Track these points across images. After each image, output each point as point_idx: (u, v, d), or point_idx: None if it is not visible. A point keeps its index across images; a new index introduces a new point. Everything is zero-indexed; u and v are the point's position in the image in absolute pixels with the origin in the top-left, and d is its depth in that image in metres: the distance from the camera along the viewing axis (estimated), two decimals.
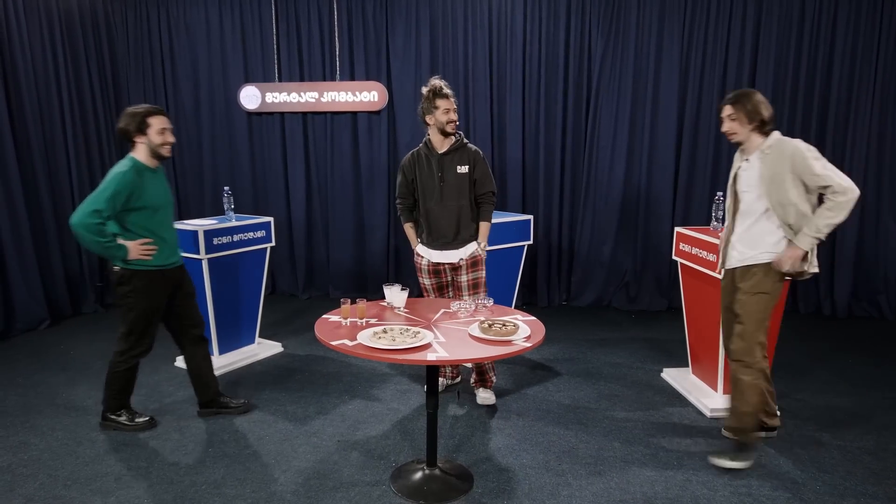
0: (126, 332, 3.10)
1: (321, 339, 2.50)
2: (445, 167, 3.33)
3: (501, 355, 2.39)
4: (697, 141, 5.34)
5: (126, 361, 3.15)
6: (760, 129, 2.79)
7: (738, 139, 2.85)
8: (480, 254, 3.43)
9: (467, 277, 3.42)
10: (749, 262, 2.85)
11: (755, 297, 2.81)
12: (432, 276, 3.49)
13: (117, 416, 3.23)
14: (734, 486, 2.73)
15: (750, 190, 2.83)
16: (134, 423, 3.23)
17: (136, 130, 2.96)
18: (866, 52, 5.06)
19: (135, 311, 3.05)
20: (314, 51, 5.62)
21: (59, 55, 5.09)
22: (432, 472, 2.75)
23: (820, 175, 2.67)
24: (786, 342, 4.28)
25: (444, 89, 3.24)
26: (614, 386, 3.84)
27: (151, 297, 3.07)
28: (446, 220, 3.35)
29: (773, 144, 2.77)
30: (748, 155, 2.86)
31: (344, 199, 5.82)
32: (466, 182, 3.35)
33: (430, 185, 3.35)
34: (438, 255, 3.41)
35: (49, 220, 5.04)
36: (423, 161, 3.38)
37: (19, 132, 4.81)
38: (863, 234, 5.29)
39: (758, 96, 2.78)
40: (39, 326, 4.86)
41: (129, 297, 3.03)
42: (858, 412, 3.48)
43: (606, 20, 5.25)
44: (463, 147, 3.37)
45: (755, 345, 2.82)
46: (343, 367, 4.11)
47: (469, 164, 3.35)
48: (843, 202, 2.65)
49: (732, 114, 2.80)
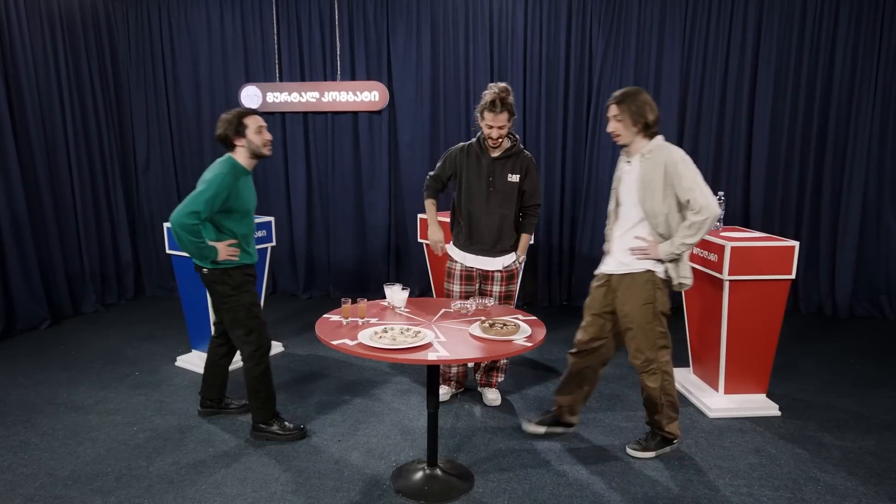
0: (245, 332, 3.02)
1: (322, 338, 2.50)
2: (496, 173, 3.16)
3: (502, 355, 2.39)
4: (698, 141, 5.34)
5: (260, 362, 3.04)
6: (645, 131, 2.69)
7: (622, 141, 2.76)
8: (517, 266, 3.33)
9: (500, 289, 3.30)
10: (625, 270, 2.81)
11: (641, 310, 2.78)
12: (464, 283, 3.32)
13: (268, 425, 3.11)
14: (735, 487, 2.72)
15: (629, 194, 2.79)
16: (287, 431, 3.10)
17: (234, 133, 2.97)
18: (867, 52, 5.05)
19: (242, 309, 3.00)
20: (315, 50, 5.61)
21: (60, 55, 5.09)
22: (433, 472, 2.74)
23: (686, 188, 2.61)
24: (787, 342, 4.28)
25: (495, 103, 2.99)
26: (615, 386, 3.83)
27: (249, 291, 3.03)
28: (488, 228, 3.20)
29: (653, 149, 2.69)
30: (630, 157, 2.80)
31: (345, 199, 5.82)
32: (515, 191, 3.19)
33: (478, 189, 3.18)
34: (474, 259, 3.27)
35: (50, 219, 5.04)
36: (474, 160, 3.19)
37: (20, 131, 4.81)
38: (864, 234, 5.28)
39: (644, 96, 2.68)
40: (40, 326, 4.86)
41: (232, 295, 2.98)
42: (860, 412, 3.47)
43: (607, 20, 5.24)
44: (518, 154, 3.19)
45: (655, 350, 2.82)
46: (344, 367, 4.11)
47: (521, 174, 3.18)
48: (699, 222, 2.60)
49: (618, 114, 2.70)
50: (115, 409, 3.47)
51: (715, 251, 3.33)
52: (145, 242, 5.95)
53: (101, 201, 5.52)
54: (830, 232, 5.34)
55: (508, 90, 3.05)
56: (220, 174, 2.89)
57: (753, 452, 3.02)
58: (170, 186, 5.93)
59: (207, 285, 3.04)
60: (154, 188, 5.93)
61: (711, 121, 5.30)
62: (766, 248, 3.26)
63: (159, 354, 4.32)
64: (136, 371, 4.02)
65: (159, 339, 4.65)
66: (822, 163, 5.28)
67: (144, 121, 5.83)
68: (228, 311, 3.01)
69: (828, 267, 5.38)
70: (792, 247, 3.26)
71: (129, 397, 3.62)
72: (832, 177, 5.26)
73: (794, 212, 5.35)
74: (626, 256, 2.81)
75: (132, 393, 3.68)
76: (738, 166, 5.33)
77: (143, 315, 5.29)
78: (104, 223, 5.55)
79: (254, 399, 3.08)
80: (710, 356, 3.55)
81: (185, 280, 3.98)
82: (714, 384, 3.55)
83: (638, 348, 2.83)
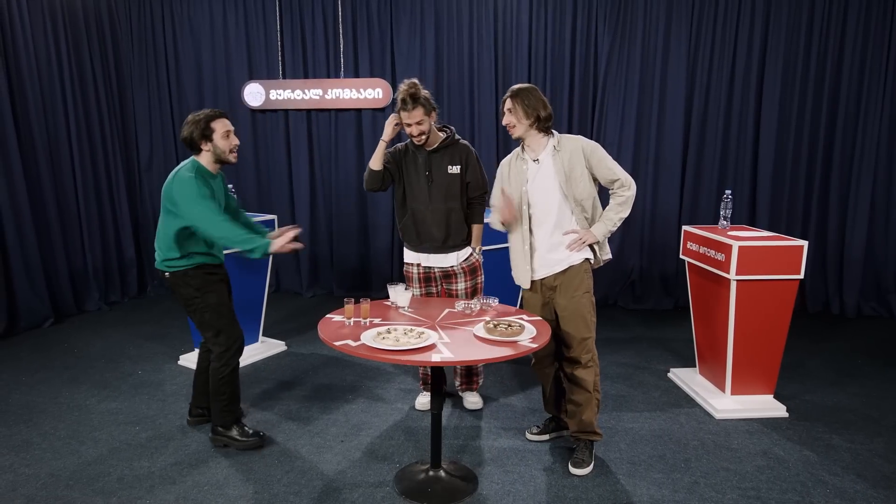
0: (213, 333, 2.95)
1: (325, 339, 2.47)
2: (434, 166, 3.08)
3: (507, 356, 2.36)
4: (705, 139, 5.29)
5: (228, 363, 2.96)
6: (538, 125, 2.73)
7: (516, 133, 2.78)
8: (478, 258, 3.26)
9: (465, 285, 3.24)
10: (564, 266, 2.80)
11: (583, 298, 2.78)
12: (422, 285, 3.25)
13: (227, 429, 3.01)
14: (743, 490, 2.69)
15: (545, 193, 2.75)
16: (246, 438, 3.00)
17: (200, 137, 2.85)
18: (876, 49, 5.00)
19: (208, 310, 2.92)
20: (318, 48, 5.58)
21: (63, 52, 5.07)
22: (436, 474, 2.72)
23: (609, 168, 2.74)
24: (794, 342, 4.24)
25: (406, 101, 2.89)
26: (620, 386, 3.80)
27: (213, 292, 2.95)
28: (435, 223, 3.10)
29: (561, 140, 2.76)
30: (538, 155, 2.78)
31: (348, 197, 5.79)
32: (458, 183, 3.09)
33: (417, 185, 3.09)
34: (427, 258, 3.18)
35: (53, 217, 5.03)
36: (411, 156, 3.11)
37: (23, 129, 4.80)
38: (872, 233, 5.23)
39: (538, 93, 2.74)
40: (43, 324, 4.86)
41: (196, 297, 2.91)
42: (868, 414, 3.43)
43: (613, 16, 5.19)
44: (454, 144, 3.11)
45: (593, 342, 2.82)
46: (347, 367, 4.09)
47: (461, 164, 3.10)
48: (629, 197, 2.75)
49: (511, 108, 2.74)
50: (117, 408, 3.45)
51: (722, 251, 3.29)
52: (148, 240, 5.93)
53: (104, 199, 5.51)
54: (838, 230, 5.28)
55: (416, 84, 2.93)
56: (187, 178, 2.77)
57: (761, 454, 2.98)
58: None
59: (172, 289, 2.97)
60: (157, 186, 5.91)
61: (718, 118, 5.25)
62: (774, 248, 3.22)
63: (162, 353, 4.31)
64: (139, 370, 4.01)
65: (162, 338, 4.63)
66: (830, 161, 5.23)
67: (147, 118, 5.81)
68: (194, 313, 2.95)
69: (835, 266, 5.33)
70: (800, 246, 3.22)
71: (132, 396, 3.61)
72: (840, 175, 5.21)
73: (801, 210, 5.30)
74: (557, 254, 2.80)
75: (134, 392, 3.67)
76: (745, 164, 5.28)
77: (146, 313, 5.28)
78: (107, 221, 5.54)
79: (216, 400, 2.98)
80: (717, 357, 3.51)
81: None
82: (721, 385, 3.51)
83: (581, 340, 2.79)
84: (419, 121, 2.95)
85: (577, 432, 2.89)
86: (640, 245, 5.50)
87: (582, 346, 2.80)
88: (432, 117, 3.02)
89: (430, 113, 3.00)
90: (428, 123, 3.00)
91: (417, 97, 2.92)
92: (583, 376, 2.82)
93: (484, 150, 5.51)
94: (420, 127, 2.97)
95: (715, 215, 5.15)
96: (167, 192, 2.83)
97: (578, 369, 2.82)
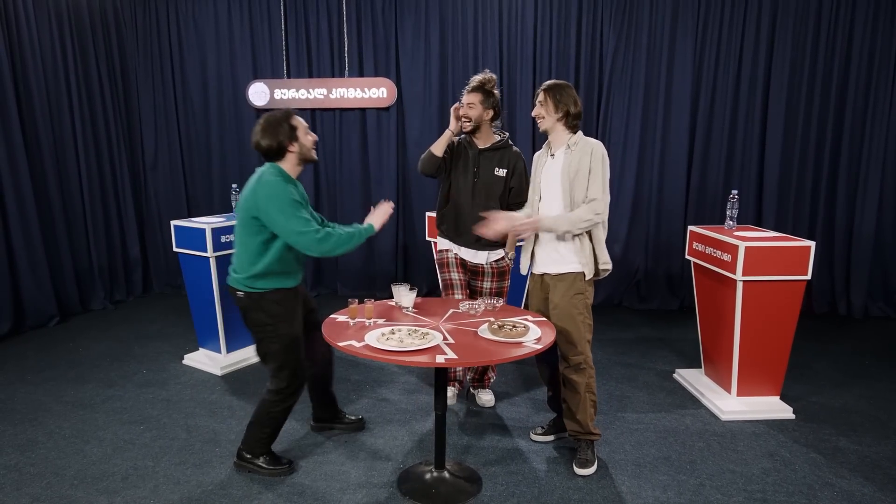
0: (277, 367, 2.70)
1: (329, 339, 2.47)
2: (482, 164, 3.16)
3: (512, 358, 2.34)
4: (711, 138, 5.26)
5: (283, 401, 2.73)
6: (566, 120, 2.76)
7: (543, 125, 2.80)
8: (508, 263, 3.30)
9: (491, 285, 3.27)
10: (560, 270, 2.80)
11: (573, 300, 2.76)
12: (460, 270, 3.26)
13: (254, 456, 2.81)
14: (749, 492, 2.67)
15: (551, 188, 2.80)
16: (273, 467, 2.79)
17: (288, 139, 2.59)
18: (885, 48, 4.96)
19: (277, 342, 2.66)
20: (323, 47, 5.58)
21: (69, 52, 5.08)
22: (440, 475, 2.71)
23: (599, 185, 2.69)
24: (800, 343, 4.21)
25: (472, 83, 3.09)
26: (625, 387, 3.78)
27: (287, 322, 2.69)
28: (474, 220, 3.05)
29: (578, 141, 2.77)
30: (554, 150, 2.82)
31: (352, 197, 5.79)
32: (501, 186, 3.16)
33: (464, 180, 3.18)
34: (460, 250, 3.26)
35: (59, 216, 5.04)
36: (462, 150, 3.21)
37: (28, 128, 4.81)
38: (880, 233, 5.19)
39: (571, 91, 2.78)
40: (49, 323, 4.87)
41: (268, 324, 2.66)
42: (876, 416, 3.40)
43: (619, 15, 5.17)
44: (506, 148, 3.19)
45: (585, 344, 2.80)
46: (351, 367, 4.08)
47: (508, 169, 3.15)
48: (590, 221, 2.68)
49: (543, 99, 2.78)
50: (122, 407, 3.46)
51: (729, 251, 3.27)
52: (153, 239, 5.95)
53: (110, 198, 5.52)
54: (845, 231, 5.24)
55: (493, 79, 3.12)
56: (272, 181, 2.54)
57: (767, 457, 2.96)
58: (178, 183, 5.92)
59: (242, 311, 2.71)
60: (162, 185, 5.92)
61: (724, 118, 5.21)
62: (781, 249, 3.19)
63: (167, 352, 4.32)
64: (144, 369, 4.02)
65: (167, 337, 4.64)
66: (838, 161, 5.19)
67: (152, 117, 5.82)
68: (261, 341, 2.70)
69: (842, 266, 5.29)
70: (808, 247, 3.20)
71: (137, 395, 3.61)
72: (847, 174, 5.17)
73: (808, 210, 5.26)
74: (557, 255, 2.80)
75: (139, 391, 3.67)
76: (752, 164, 5.25)
77: (152, 312, 5.29)
78: (112, 220, 5.56)
79: (257, 429, 2.78)
80: (723, 358, 3.49)
81: (192, 278, 3.97)
82: (727, 386, 3.49)
83: (570, 341, 2.78)
84: (471, 104, 3.09)
85: (574, 432, 2.90)
86: (646, 245, 5.48)
87: (570, 346, 2.79)
88: (488, 114, 3.13)
89: (488, 107, 3.12)
90: (479, 112, 3.11)
91: (484, 85, 3.09)
92: (573, 378, 2.82)
93: None
94: (470, 111, 3.10)
95: (721, 215, 5.13)
96: (250, 202, 2.56)
97: (569, 371, 2.82)
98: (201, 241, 3.77)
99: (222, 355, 4.03)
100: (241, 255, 2.66)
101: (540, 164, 2.90)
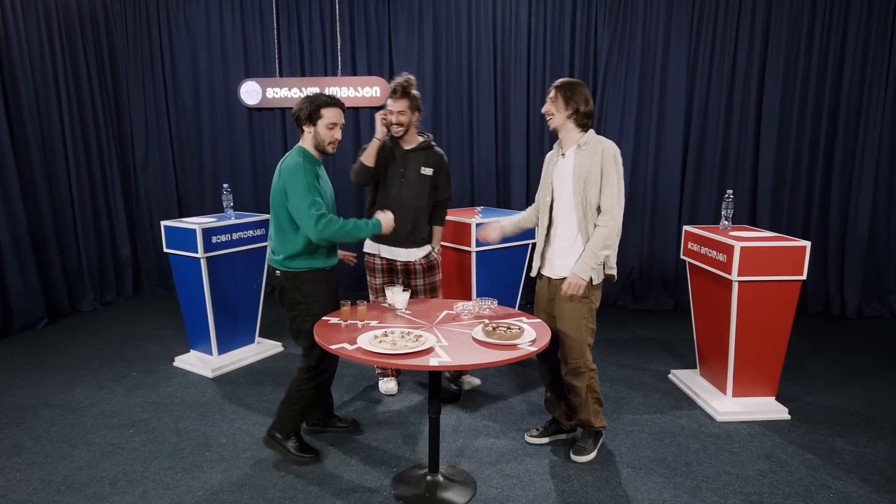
0: (308, 346, 2.76)
1: (320, 342, 2.43)
2: (409, 164, 3.28)
3: (506, 360, 2.31)
4: (705, 138, 5.25)
5: (313, 379, 2.81)
6: (576, 118, 2.73)
7: (553, 123, 2.78)
8: (436, 257, 3.43)
9: (423, 282, 3.39)
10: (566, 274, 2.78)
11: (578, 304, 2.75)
12: (385, 275, 3.42)
13: (286, 438, 2.88)
14: (745, 494, 2.65)
15: (564, 189, 2.78)
16: (301, 454, 2.87)
17: (307, 118, 2.71)
18: (878, 48, 4.96)
19: (310, 321, 2.72)
20: (315, 45, 5.53)
21: (58, 51, 5.02)
22: (434, 478, 2.68)
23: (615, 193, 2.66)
24: (795, 343, 4.20)
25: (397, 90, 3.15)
26: (620, 388, 3.76)
27: (319, 302, 2.77)
28: (402, 218, 3.22)
29: (589, 140, 2.74)
30: (565, 150, 2.80)
31: (345, 197, 5.74)
32: (428, 184, 3.31)
33: (392, 179, 3.29)
34: (388, 250, 3.36)
35: (47, 217, 4.98)
36: (389, 152, 3.30)
37: (17, 129, 4.74)
38: (873, 233, 5.19)
39: (583, 89, 2.75)
40: (37, 325, 4.81)
41: (301, 303, 2.76)
42: (871, 416, 3.39)
43: (613, 14, 5.15)
44: (430, 148, 3.33)
45: (585, 348, 2.80)
46: (343, 369, 4.04)
47: (434, 168, 3.30)
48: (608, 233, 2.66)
49: (553, 96, 2.76)
50: (111, 410, 3.41)
51: (724, 251, 3.25)
52: (144, 240, 5.89)
53: (100, 199, 5.46)
54: (839, 230, 5.24)
55: (411, 80, 3.19)
56: (295, 164, 2.65)
57: (763, 458, 2.94)
58: (169, 183, 5.86)
59: (279, 290, 2.81)
60: (153, 185, 5.86)
61: (719, 117, 5.20)
62: (776, 249, 3.18)
63: (157, 355, 4.26)
64: (134, 372, 3.96)
65: (157, 339, 4.59)
66: (832, 161, 5.19)
67: (143, 117, 5.76)
68: (295, 319, 2.79)
69: (836, 266, 5.29)
70: (803, 247, 3.18)
71: (126, 399, 3.56)
72: (841, 174, 5.17)
73: (802, 210, 5.26)
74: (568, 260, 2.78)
75: (129, 394, 3.62)
76: (746, 164, 5.24)
77: (142, 314, 5.23)
78: (102, 220, 5.49)
79: (288, 407, 2.85)
80: (718, 358, 3.47)
81: (182, 279, 3.92)
82: (722, 387, 3.47)
83: (572, 344, 2.78)
84: (402, 111, 3.19)
85: (580, 423, 2.95)
86: (641, 245, 5.46)
87: (572, 350, 2.79)
88: (415, 116, 3.27)
89: (415, 111, 3.25)
90: (408, 118, 3.23)
91: (408, 90, 3.18)
92: (574, 383, 2.83)
93: (483, 149, 5.47)
94: (401, 117, 3.20)
95: (716, 215, 5.11)
96: (278, 181, 2.68)
97: (570, 374, 2.84)
98: (192, 242, 3.72)
99: (214, 357, 3.98)
100: (277, 236, 2.77)
101: (551, 164, 2.87)
